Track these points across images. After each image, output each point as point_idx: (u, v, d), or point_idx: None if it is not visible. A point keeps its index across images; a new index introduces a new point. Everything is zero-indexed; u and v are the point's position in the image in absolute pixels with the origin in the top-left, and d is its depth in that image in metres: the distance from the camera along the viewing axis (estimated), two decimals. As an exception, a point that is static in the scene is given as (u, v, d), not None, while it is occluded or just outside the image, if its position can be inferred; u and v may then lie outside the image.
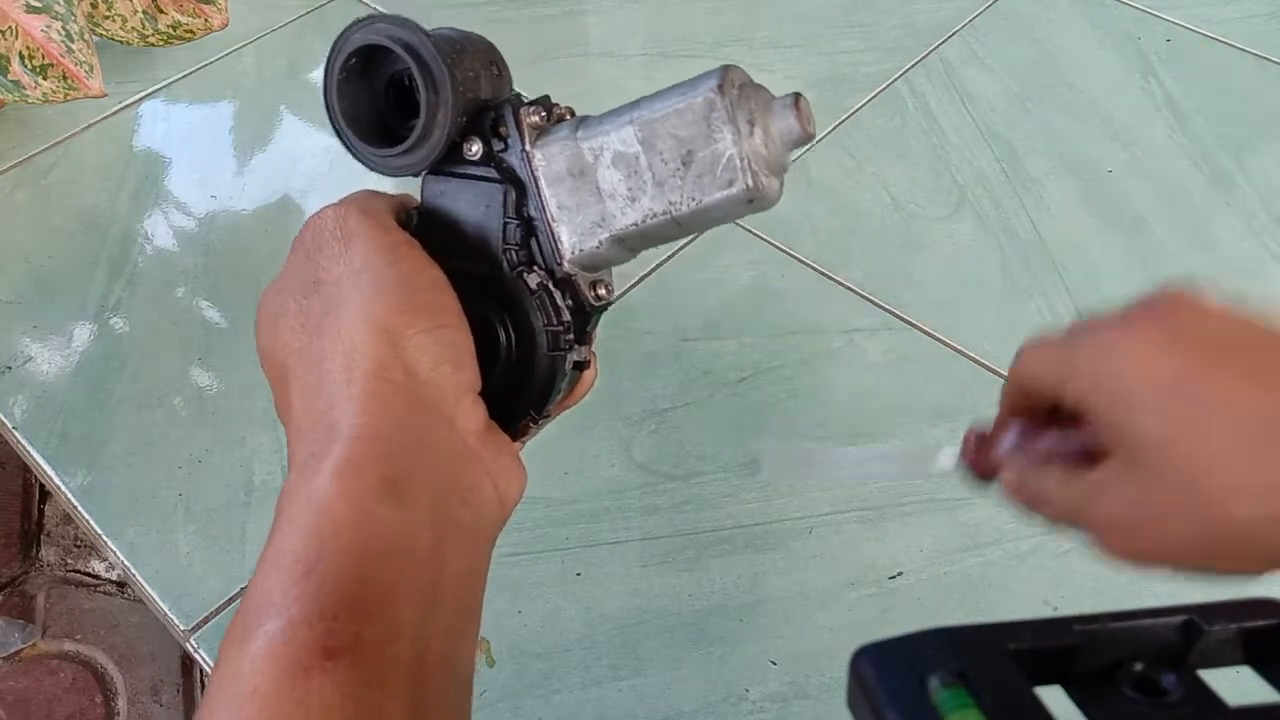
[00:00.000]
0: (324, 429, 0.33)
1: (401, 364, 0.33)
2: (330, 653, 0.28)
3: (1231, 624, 0.21)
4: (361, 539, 0.31)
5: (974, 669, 0.19)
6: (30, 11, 0.76)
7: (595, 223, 0.37)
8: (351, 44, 0.36)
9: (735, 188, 0.34)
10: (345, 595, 0.29)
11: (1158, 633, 0.21)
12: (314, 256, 0.36)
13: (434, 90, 0.36)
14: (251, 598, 0.31)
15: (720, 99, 0.34)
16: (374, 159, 0.37)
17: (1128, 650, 0.20)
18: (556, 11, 1.00)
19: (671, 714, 0.57)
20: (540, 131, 0.37)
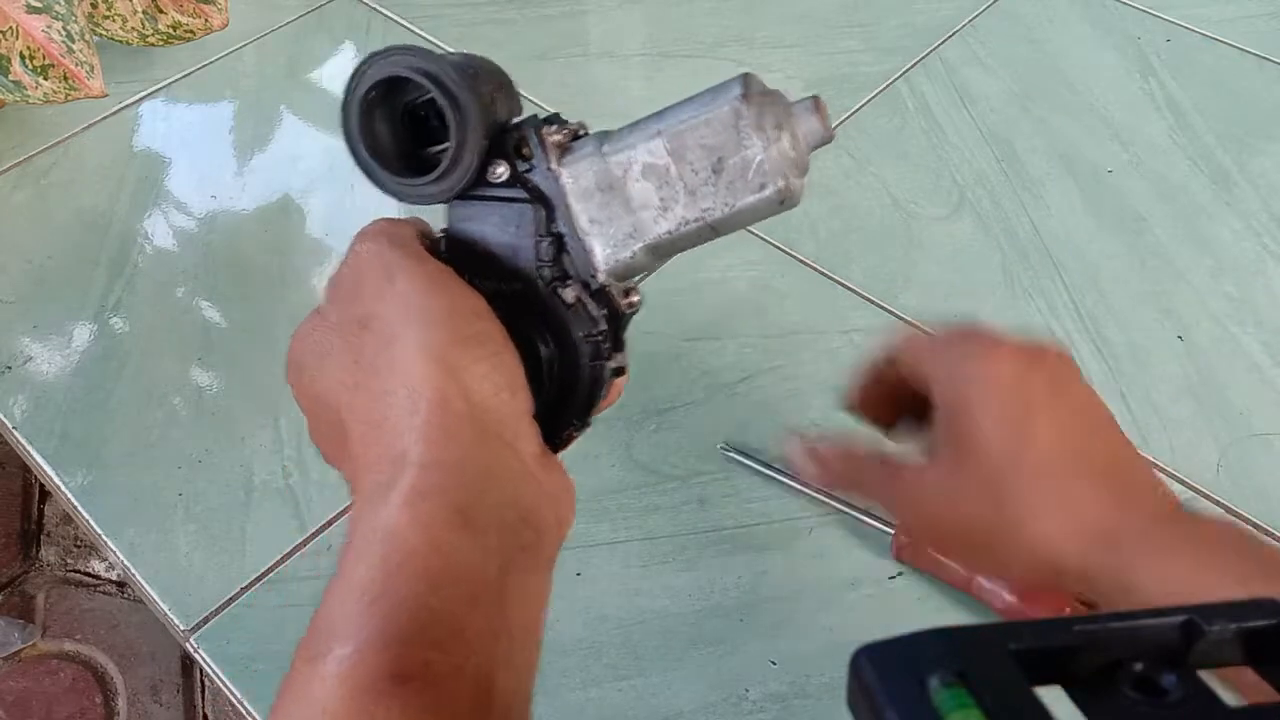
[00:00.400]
0: (390, 460, 0.34)
1: (462, 394, 0.34)
2: (400, 678, 0.29)
3: (1231, 624, 0.21)
4: (432, 566, 0.31)
5: (974, 669, 0.19)
6: (31, 12, 0.76)
7: (628, 234, 0.38)
8: (370, 78, 0.36)
9: (768, 190, 0.36)
10: (415, 622, 0.30)
11: (1158, 633, 0.21)
12: (358, 295, 0.37)
13: (461, 117, 0.36)
14: (320, 622, 0.31)
15: (746, 107, 0.36)
16: (403, 190, 0.38)
17: (1128, 650, 0.20)
18: (556, 11, 1.00)
19: (671, 714, 0.57)
20: (563, 149, 0.38)
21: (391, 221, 0.40)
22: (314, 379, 0.37)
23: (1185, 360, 0.73)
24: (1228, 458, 0.67)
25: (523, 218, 0.38)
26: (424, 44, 0.97)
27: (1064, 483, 0.38)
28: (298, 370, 0.39)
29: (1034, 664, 0.20)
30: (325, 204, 0.84)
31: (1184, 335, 0.74)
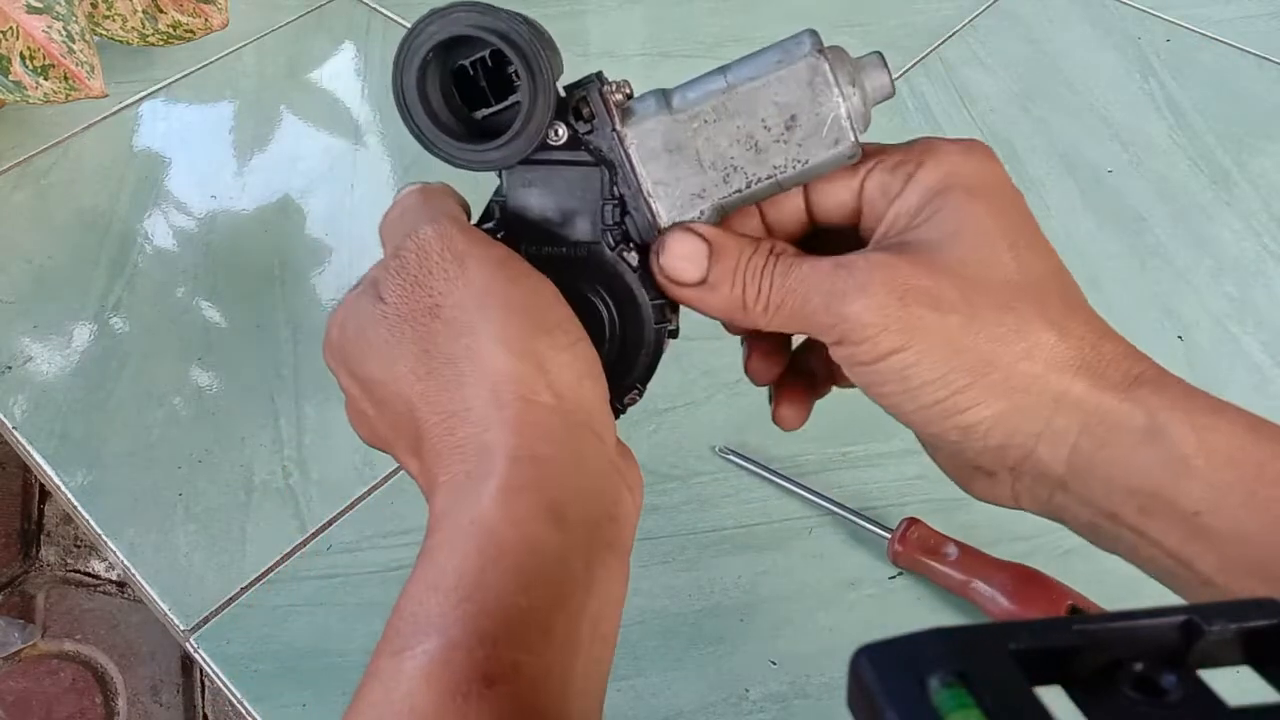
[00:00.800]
0: (476, 451, 0.33)
1: (548, 385, 0.34)
2: (490, 679, 0.28)
3: (1231, 624, 0.21)
4: (524, 564, 0.31)
5: (974, 669, 0.19)
6: (31, 12, 0.76)
7: (695, 194, 0.37)
8: (432, 38, 0.35)
9: (842, 146, 0.36)
10: (506, 621, 0.29)
11: (1158, 633, 0.21)
12: (425, 282, 0.35)
13: (535, 78, 0.35)
14: (405, 613, 0.30)
15: (821, 61, 0.35)
16: (466, 156, 0.36)
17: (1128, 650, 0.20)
18: (556, 11, 1.00)
19: (671, 714, 0.57)
20: (624, 110, 0.37)
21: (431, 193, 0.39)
22: (375, 365, 0.36)
23: (1185, 360, 0.73)
24: (1228, 458, 0.67)
25: (587, 181, 0.37)
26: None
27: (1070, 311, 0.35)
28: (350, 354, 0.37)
29: (1034, 664, 0.20)
30: (325, 204, 0.84)
31: (1184, 335, 0.74)
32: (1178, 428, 0.32)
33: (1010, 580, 0.58)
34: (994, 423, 0.33)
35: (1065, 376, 0.33)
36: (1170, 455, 0.32)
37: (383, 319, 0.35)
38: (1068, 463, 0.33)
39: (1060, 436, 0.33)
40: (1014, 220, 0.35)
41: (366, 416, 0.38)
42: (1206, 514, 0.31)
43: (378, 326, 0.35)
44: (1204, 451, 0.31)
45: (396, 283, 0.35)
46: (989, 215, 0.34)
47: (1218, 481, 0.31)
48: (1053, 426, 0.33)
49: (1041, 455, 0.34)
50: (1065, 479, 0.34)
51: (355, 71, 0.96)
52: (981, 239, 0.34)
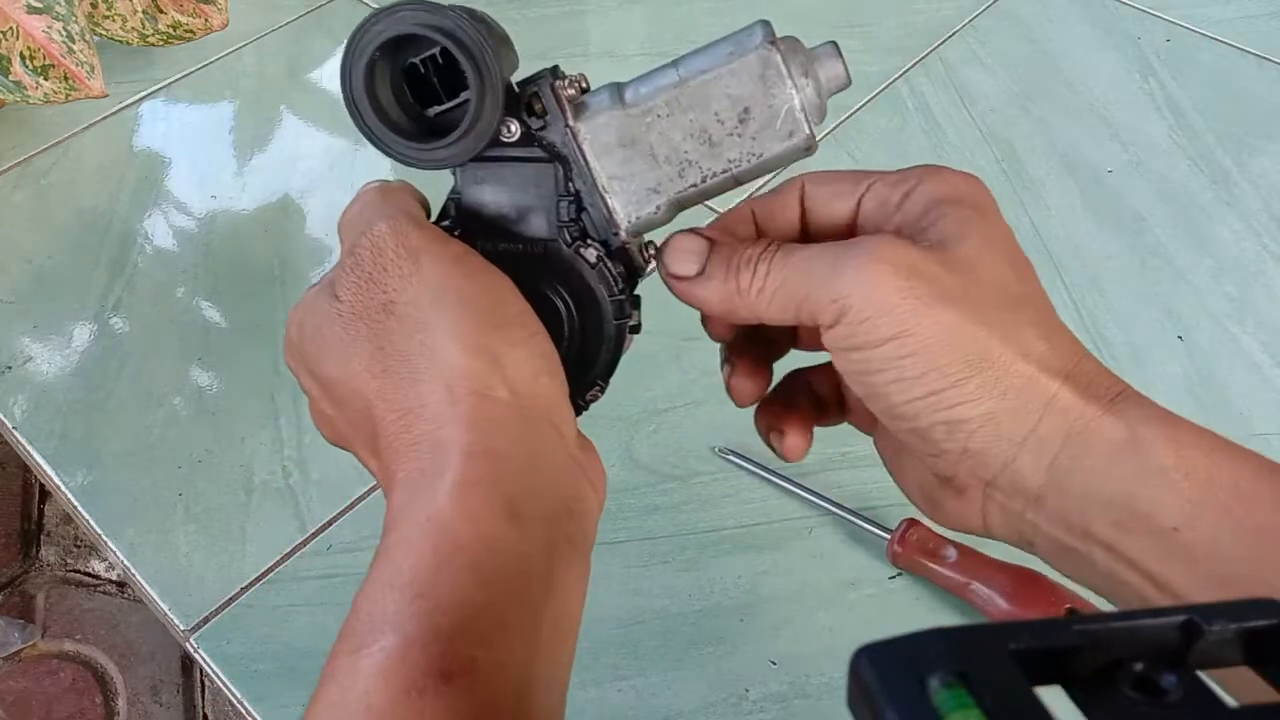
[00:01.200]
0: (430, 447, 0.33)
1: (504, 380, 0.33)
2: (446, 675, 0.28)
3: (1231, 624, 0.21)
4: (481, 560, 0.31)
5: (974, 669, 0.19)
6: (31, 12, 0.76)
7: (650, 189, 0.37)
8: (378, 37, 0.35)
9: (796, 138, 0.35)
10: (462, 618, 0.29)
11: (1158, 633, 0.21)
12: (379, 279, 0.35)
13: (482, 76, 0.35)
14: (362, 611, 0.30)
15: (772, 53, 0.35)
16: (415, 155, 0.36)
17: (1128, 650, 0.20)
18: (556, 11, 1.00)
19: (671, 714, 0.57)
20: (577, 105, 0.37)
21: (390, 190, 0.38)
22: (332, 363, 0.36)
23: (1185, 360, 0.73)
24: (1228, 458, 0.67)
25: (541, 177, 0.37)
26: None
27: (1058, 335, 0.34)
28: (308, 353, 0.37)
29: (1034, 664, 0.20)
30: (325, 204, 0.84)
31: (1184, 335, 0.74)
32: (1158, 443, 0.32)
33: (1009, 582, 0.58)
34: (982, 422, 0.33)
35: (1055, 382, 0.33)
36: (1150, 469, 0.32)
37: (338, 317, 0.35)
38: (1047, 473, 0.33)
39: (1043, 444, 0.33)
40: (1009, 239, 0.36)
41: (327, 416, 0.38)
42: (1185, 530, 0.31)
43: (333, 325, 0.35)
44: (1183, 467, 0.32)
45: (351, 280, 0.35)
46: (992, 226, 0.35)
47: (1196, 498, 0.31)
48: (1037, 433, 0.33)
49: (1021, 465, 0.33)
50: (1042, 493, 0.33)
51: (355, 71, 0.96)
52: (986, 245, 0.34)
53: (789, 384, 0.43)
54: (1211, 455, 0.32)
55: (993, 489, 0.35)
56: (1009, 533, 0.36)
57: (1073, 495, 0.33)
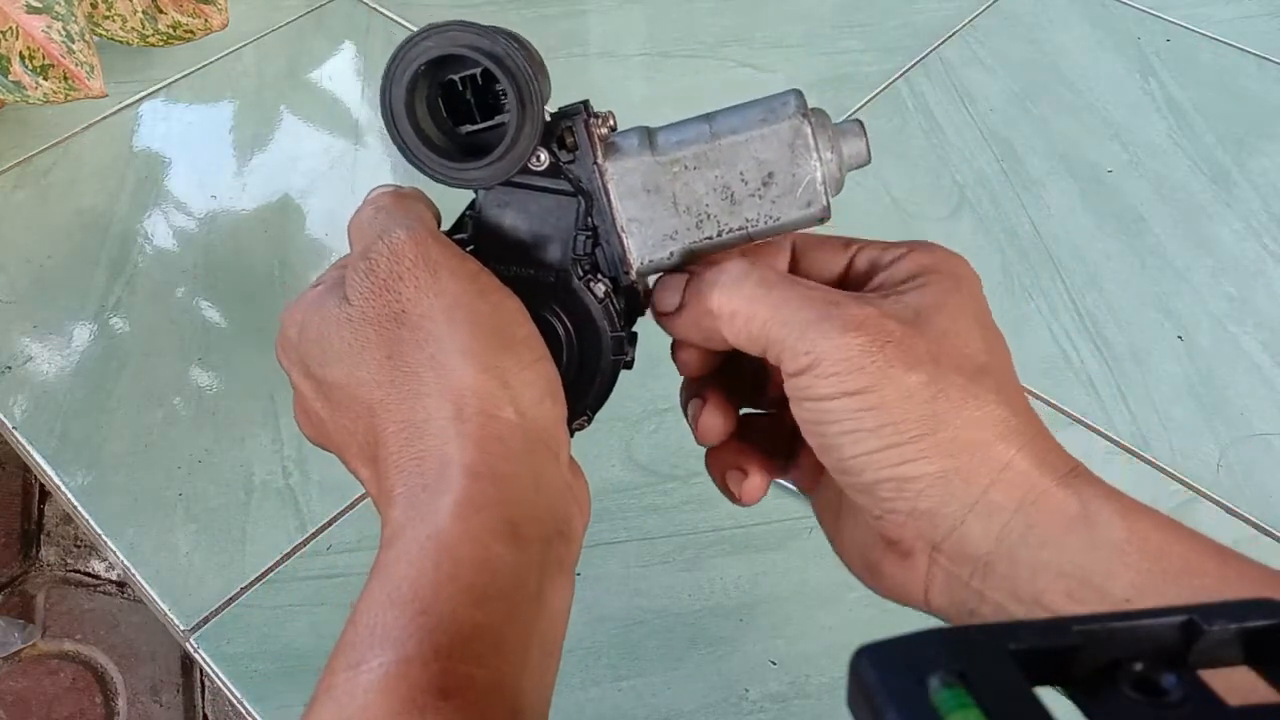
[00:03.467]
0: (435, 464, 0.33)
1: (511, 401, 0.34)
2: (445, 693, 0.28)
3: (1231, 624, 0.21)
4: (481, 580, 0.31)
5: (974, 669, 0.19)
6: (31, 12, 0.76)
7: (667, 236, 0.37)
8: (425, 52, 0.35)
9: (814, 208, 0.37)
10: (461, 637, 0.30)
11: (1158, 633, 0.21)
12: (394, 287, 0.35)
13: (523, 104, 0.35)
14: (361, 626, 0.30)
15: (804, 124, 0.36)
16: (447, 173, 0.37)
17: (1128, 650, 0.20)
18: (556, 11, 1.00)
19: (671, 714, 0.57)
20: (607, 145, 0.37)
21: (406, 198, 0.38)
22: (336, 367, 0.35)
23: (1185, 360, 0.73)
24: (1228, 458, 0.67)
25: (563, 209, 0.37)
26: (424, 44, 0.97)
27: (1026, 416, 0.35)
28: (308, 353, 0.37)
29: (1034, 664, 0.20)
30: (325, 204, 0.84)
31: (1184, 335, 0.74)
32: (1112, 517, 0.32)
33: None
34: (933, 480, 0.33)
35: (1010, 449, 0.33)
36: (1103, 541, 0.32)
37: (347, 321, 0.35)
38: (997, 539, 0.33)
39: (994, 510, 0.33)
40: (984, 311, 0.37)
41: (318, 417, 0.38)
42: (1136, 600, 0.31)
43: (342, 328, 0.35)
44: (1135, 541, 0.32)
45: (365, 285, 0.35)
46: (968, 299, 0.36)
47: (1147, 569, 0.32)
48: (989, 498, 0.33)
49: (970, 529, 0.33)
50: (991, 559, 0.33)
51: (355, 71, 0.96)
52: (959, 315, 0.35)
53: (745, 426, 0.43)
54: (1162, 530, 0.32)
55: (939, 554, 0.34)
56: (950, 603, 0.35)
57: (1023, 564, 0.33)
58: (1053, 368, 0.72)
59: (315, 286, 0.38)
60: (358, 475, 0.37)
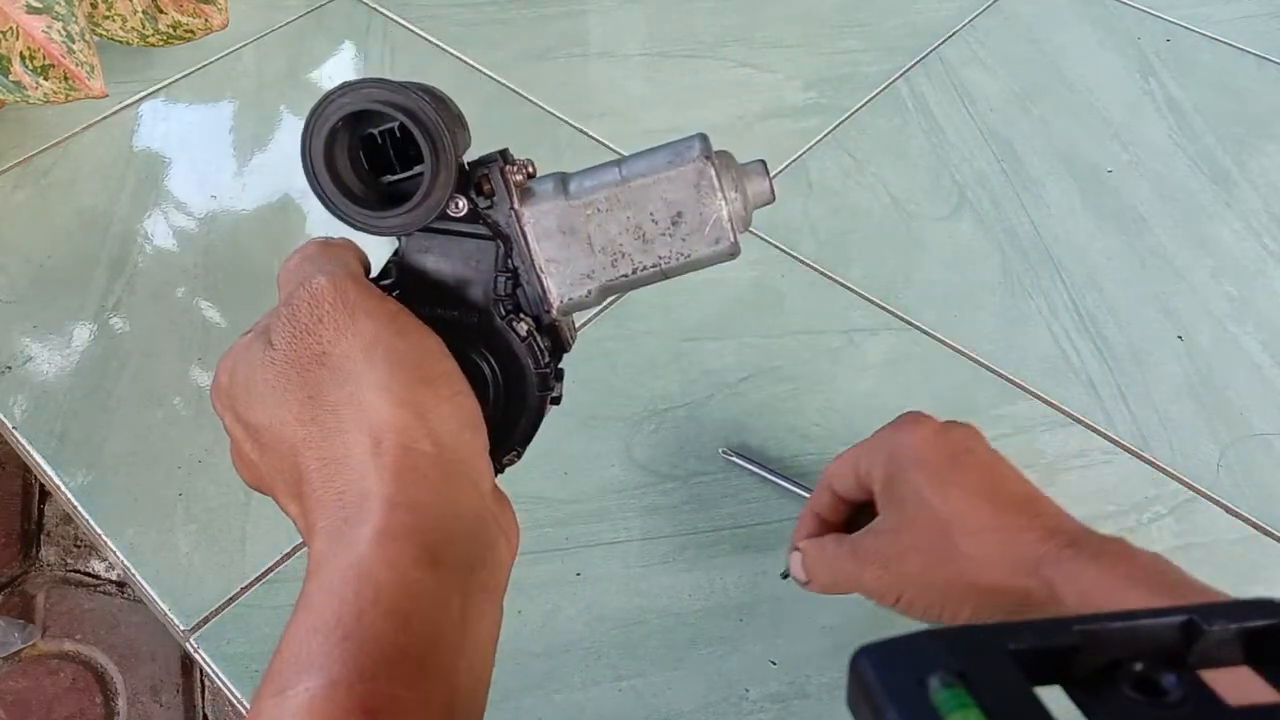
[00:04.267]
0: (354, 497, 0.34)
1: (429, 435, 0.35)
2: (371, 713, 0.29)
3: (1231, 624, 0.21)
4: (402, 605, 0.32)
5: (974, 669, 0.19)
6: (31, 12, 0.76)
7: (584, 274, 0.39)
8: (341, 108, 0.37)
9: (722, 244, 0.39)
10: (385, 659, 0.31)
11: (1158, 633, 0.21)
12: (315, 330, 0.36)
13: (436, 154, 0.37)
14: (287, 655, 0.31)
15: (708, 166, 0.38)
16: (367, 222, 0.38)
17: (1128, 650, 0.20)
18: (556, 11, 1.00)
19: (671, 714, 0.57)
20: (523, 189, 0.39)
21: (332, 246, 0.40)
22: (261, 409, 0.37)
23: (1185, 360, 0.73)
24: (1228, 458, 0.67)
25: (483, 253, 0.39)
26: (424, 44, 0.97)
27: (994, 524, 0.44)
28: (237, 397, 0.38)
29: (1034, 664, 0.20)
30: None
31: (1184, 335, 0.74)
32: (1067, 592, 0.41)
33: None
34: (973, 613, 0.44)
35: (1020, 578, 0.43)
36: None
37: (271, 364, 0.37)
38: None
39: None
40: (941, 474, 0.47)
41: (250, 461, 0.39)
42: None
43: (265, 371, 0.37)
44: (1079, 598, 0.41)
45: (287, 330, 0.37)
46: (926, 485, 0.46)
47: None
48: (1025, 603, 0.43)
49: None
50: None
51: (355, 72, 0.96)
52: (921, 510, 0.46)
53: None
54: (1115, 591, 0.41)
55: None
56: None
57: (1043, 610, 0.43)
58: (1053, 368, 0.72)
59: (246, 334, 0.40)
60: (288, 513, 0.38)
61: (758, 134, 0.88)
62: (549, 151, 0.87)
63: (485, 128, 0.88)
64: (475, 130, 0.41)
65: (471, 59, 0.94)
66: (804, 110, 0.90)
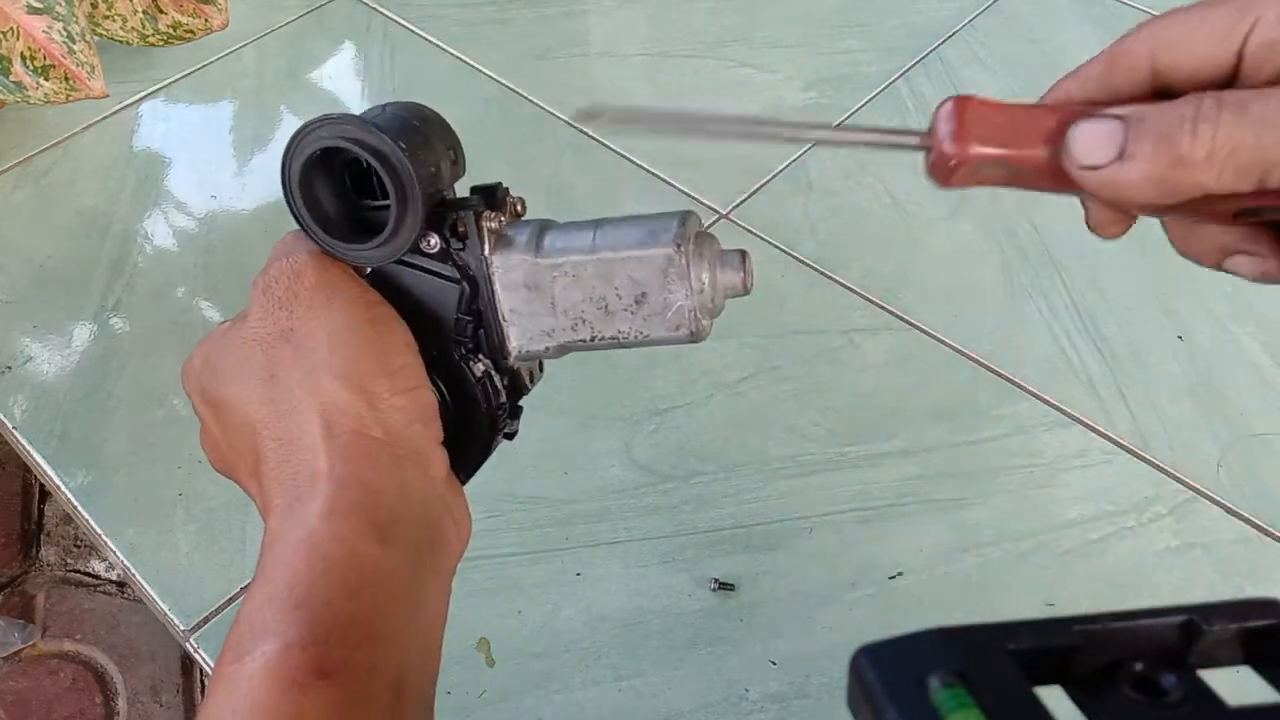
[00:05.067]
0: (306, 476, 0.35)
1: (380, 423, 0.36)
2: (323, 673, 0.31)
3: (1231, 624, 0.21)
4: (351, 577, 0.33)
5: (974, 669, 0.19)
6: (32, 12, 0.76)
7: (544, 331, 0.39)
8: (316, 141, 0.37)
9: (681, 331, 0.38)
10: (336, 624, 0.32)
11: (1158, 633, 0.21)
12: (289, 305, 0.37)
13: (404, 199, 0.37)
14: (243, 625, 0.33)
15: (678, 255, 0.37)
16: (341, 252, 0.39)
17: (1128, 650, 0.20)
18: (556, 11, 1.00)
19: (671, 714, 0.57)
20: (499, 237, 0.39)
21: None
22: (226, 388, 0.38)
23: (1185, 360, 0.73)
24: (1228, 458, 0.67)
25: (448, 294, 0.39)
26: (424, 44, 0.97)
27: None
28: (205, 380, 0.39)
29: (1034, 664, 0.20)
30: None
31: (1184, 335, 0.74)
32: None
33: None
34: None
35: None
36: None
37: (241, 343, 0.38)
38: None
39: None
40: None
41: (216, 441, 0.40)
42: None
43: (235, 351, 0.38)
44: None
45: (260, 304, 0.38)
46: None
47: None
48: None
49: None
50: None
51: (355, 71, 0.96)
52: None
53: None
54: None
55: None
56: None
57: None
58: (1053, 368, 0.72)
59: (225, 321, 0.40)
60: (249, 493, 0.39)
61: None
62: (549, 151, 0.86)
63: (485, 128, 0.88)
64: (475, 129, 0.41)
65: (471, 59, 0.94)
66: (804, 110, 0.90)
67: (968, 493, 0.65)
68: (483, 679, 0.58)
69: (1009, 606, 0.61)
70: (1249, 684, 0.22)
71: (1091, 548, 0.63)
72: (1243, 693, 0.21)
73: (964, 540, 0.63)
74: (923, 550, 0.63)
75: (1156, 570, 0.62)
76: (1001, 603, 0.61)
